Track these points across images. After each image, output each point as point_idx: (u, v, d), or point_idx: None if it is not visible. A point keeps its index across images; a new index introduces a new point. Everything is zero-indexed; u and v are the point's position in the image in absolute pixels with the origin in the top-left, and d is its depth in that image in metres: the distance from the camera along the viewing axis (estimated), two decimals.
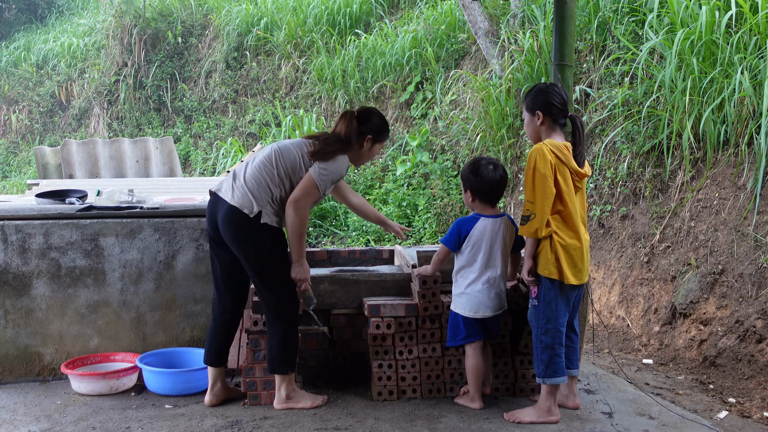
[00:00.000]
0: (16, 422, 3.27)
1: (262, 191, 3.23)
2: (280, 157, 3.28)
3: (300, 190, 3.22)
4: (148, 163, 7.59)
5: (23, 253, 3.81)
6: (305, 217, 3.23)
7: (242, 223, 3.22)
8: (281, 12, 11.96)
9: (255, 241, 3.24)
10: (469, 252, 3.37)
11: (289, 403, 3.37)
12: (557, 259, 3.13)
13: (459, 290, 3.41)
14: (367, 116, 3.43)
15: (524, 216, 3.15)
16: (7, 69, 14.88)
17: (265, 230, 3.24)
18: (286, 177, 3.26)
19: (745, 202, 4.61)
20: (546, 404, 3.19)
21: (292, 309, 3.35)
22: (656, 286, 5.03)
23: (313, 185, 3.22)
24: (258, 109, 11.56)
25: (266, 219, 3.23)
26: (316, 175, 3.22)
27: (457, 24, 9.14)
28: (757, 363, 3.99)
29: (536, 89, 3.30)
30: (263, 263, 3.28)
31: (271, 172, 3.26)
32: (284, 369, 3.33)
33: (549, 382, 3.17)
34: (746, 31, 5.02)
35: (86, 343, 3.90)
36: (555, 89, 3.27)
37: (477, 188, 3.38)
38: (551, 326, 3.17)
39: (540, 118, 3.22)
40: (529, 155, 3.14)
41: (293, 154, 3.29)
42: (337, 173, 3.27)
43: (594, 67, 6.53)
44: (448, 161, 7.95)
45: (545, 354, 3.17)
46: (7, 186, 12.38)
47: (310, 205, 3.25)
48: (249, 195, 3.23)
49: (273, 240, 3.27)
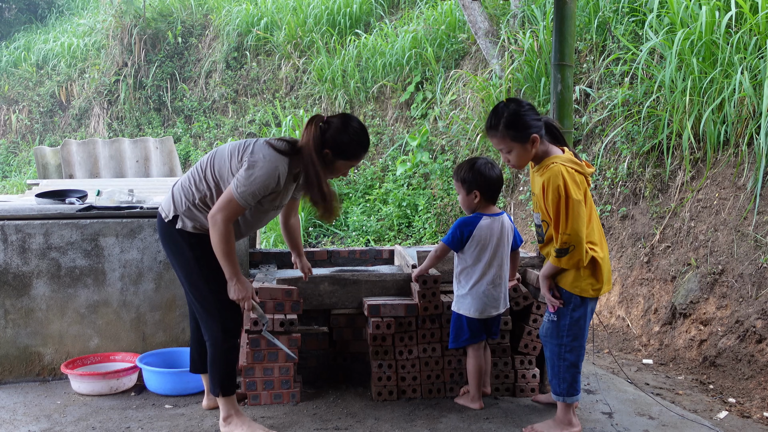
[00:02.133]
0: (16, 422, 3.27)
1: (184, 194, 2.96)
2: (213, 159, 2.95)
3: (217, 204, 2.83)
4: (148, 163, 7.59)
5: (23, 253, 3.81)
6: (225, 232, 2.81)
7: (160, 227, 3.04)
8: (281, 12, 11.97)
9: (172, 246, 3.00)
10: (472, 251, 3.35)
11: (225, 429, 3.08)
12: (596, 274, 2.94)
13: (462, 291, 3.39)
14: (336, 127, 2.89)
15: (562, 249, 2.86)
16: (7, 69, 14.88)
17: (182, 236, 2.96)
18: (212, 180, 2.92)
19: (745, 202, 4.61)
20: (566, 417, 3.07)
21: (222, 325, 2.99)
22: (656, 286, 5.03)
23: (230, 197, 2.80)
24: (258, 109, 11.56)
25: (181, 224, 2.94)
26: (233, 185, 2.80)
27: (457, 24, 9.14)
28: (757, 363, 3.99)
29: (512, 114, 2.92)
30: (184, 271, 3.00)
31: (199, 174, 2.96)
32: (215, 390, 3.05)
33: (569, 401, 3.05)
34: (746, 31, 5.02)
35: (86, 343, 3.90)
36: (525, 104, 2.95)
37: (484, 186, 3.33)
38: (577, 344, 3.01)
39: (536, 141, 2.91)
40: (550, 180, 2.84)
41: (224, 156, 2.92)
42: (259, 184, 2.79)
43: (594, 67, 6.53)
44: (448, 161, 7.95)
45: (569, 373, 3.02)
46: (7, 186, 12.38)
47: (230, 219, 2.82)
48: (170, 198, 3.01)
49: (194, 248, 2.95)
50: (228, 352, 3.05)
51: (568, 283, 2.96)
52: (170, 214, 2.98)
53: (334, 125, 2.89)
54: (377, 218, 8.02)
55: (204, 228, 2.94)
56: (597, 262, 2.94)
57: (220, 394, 3.04)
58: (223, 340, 3.01)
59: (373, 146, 9.58)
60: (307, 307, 3.60)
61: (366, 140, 2.96)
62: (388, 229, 7.85)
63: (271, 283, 3.64)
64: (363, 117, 9.91)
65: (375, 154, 9.53)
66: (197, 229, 2.96)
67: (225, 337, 3.01)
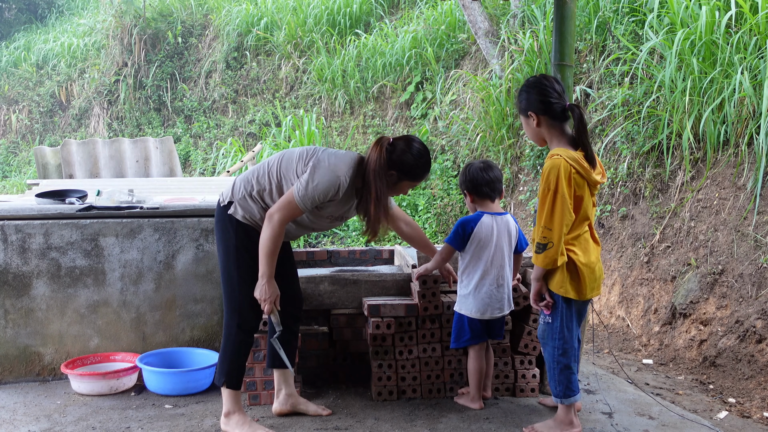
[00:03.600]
0: (16, 422, 3.27)
1: (244, 185, 3.04)
2: (282, 158, 3.06)
3: (278, 203, 2.93)
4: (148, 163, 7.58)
5: (23, 253, 3.81)
6: (278, 233, 2.91)
7: (216, 211, 3.12)
8: (281, 12, 11.97)
9: (221, 229, 3.07)
10: (474, 250, 3.34)
11: (225, 426, 3.09)
12: (577, 278, 2.94)
13: (465, 291, 3.39)
14: (401, 149, 2.99)
15: (540, 244, 2.87)
16: (7, 69, 14.88)
17: (230, 222, 3.03)
18: (276, 177, 3.01)
19: (745, 202, 4.61)
20: (567, 417, 3.08)
21: (240, 317, 3.04)
22: (656, 286, 5.03)
23: (290, 199, 2.90)
24: (258, 109, 11.56)
25: (233, 210, 3.02)
26: (295, 188, 2.91)
27: (457, 24, 9.15)
28: (757, 363, 3.99)
29: (522, 88, 3.00)
30: (223, 256, 3.07)
31: (264, 168, 3.05)
32: (219, 379, 3.07)
33: (567, 402, 3.06)
34: (746, 31, 5.02)
35: (86, 343, 3.90)
36: (545, 82, 2.95)
37: (472, 185, 3.38)
38: (568, 346, 3.03)
39: (535, 119, 2.93)
40: (545, 172, 2.84)
41: (293, 157, 3.02)
42: (321, 190, 2.89)
43: (594, 67, 6.53)
44: (448, 161, 7.95)
45: (563, 375, 3.03)
46: (7, 186, 12.38)
47: (286, 220, 2.92)
48: (231, 186, 3.09)
49: (239, 236, 3.02)
50: (240, 346, 3.07)
51: (554, 284, 2.98)
52: (226, 200, 3.06)
53: (400, 147, 2.99)
54: None
55: (253, 220, 3.03)
56: (578, 267, 2.93)
57: (225, 384, 3.05)
58: (237, 332, 3.05)
59: None
60: (307, 307, 3.60)
61: (428, 161, 3.07)
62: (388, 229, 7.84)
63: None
64: (363, 117, 9.92)
65: None
66: (247, 219, 3.03)
67: (239, 331, 3.05)
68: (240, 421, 3.06)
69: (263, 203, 3.02)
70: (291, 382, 3.33)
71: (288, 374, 3.31)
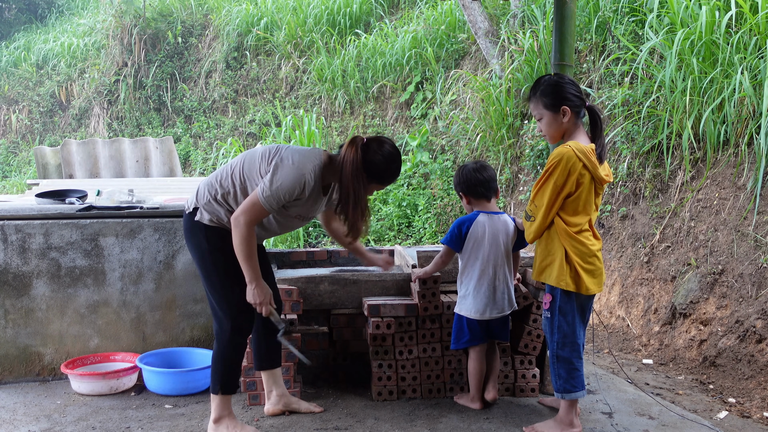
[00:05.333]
0: (16, 422, 3.27)
1: (208, 189, 2.98)
2: (244, 159, 2.98)
3: (242, 205, 2.86)
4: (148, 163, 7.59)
5: (23, 253, 3.81)
6: (247, 235, 2.84)
7: (184, 219, 3.06)
8: (281, 12, 11.97)
9: (190, 238, 3.02)
10: (471, 249, 3.34)
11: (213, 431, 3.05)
12: (575, 270, 2.95)
13: (464, 291, 3.39)
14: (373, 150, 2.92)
15: (528, 214, 3.02)
16: (7, 69, 14.88)
17: (199, 228, 2.97)
18: (240, 179, 2.94)
19: (745, 202, 4.61)
20: (567, 417, 3.08)
21: (233, 321, 2.98)
22: (656, 286, 5.03)
23: (255, 200, 2.83)
24: (258, 109, 11.56)
25: (199, 216, 2.96)
26: (259, 189, 2.83)
27: (457, 24, 9.14)
28: (757, 363, 3.99)
29: (550, 83, 3.00)
30: (199, 264, 3.02)
31: (227, 171, 2.99)
32: (214, 387, 3.02)
33: (568, 397, 3.04)
34: (746, 31, 5.02)
35: (86, 343, 3.90)
36: (569, 79, 3.03)
37: (467, 186, 3.38)
38: (569, 340, 3.02)
39: (567, 114, 2.94)
40: (552, 157, 2.89)
41: (256, 157, 2.95)
42: (285, 189, 2.83)
43: (594, 67, 6.53)
44: (448, 161, 7.95)
45: (563, 369, 3.03)
46: (7, 186, 12.38)
47: (253, 222, 2.85)
48: (195, 191, 3.04)
49: (210, 241, 2.96)
50: (234, 350, 3.03)
51: (554, 277, 2.98)
52: (191, 206, 3.01)
53: (372, 149, 2.92)
54: (377, 218, 8.02)
55: (221, 222, 2.96)
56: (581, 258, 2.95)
57: (220, 391, 3.01)
58: (231, 337, 2.99)
59: None
60: (307, 307, 3.60)
61: (398, 166, 3.01)
62: (388, 229, 7.86)
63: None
64: (363, 117, 9.92)
65: None
66: (214, 222, 2.96)
67: (233, 335, 2.99)
68: (230, 427, 3.02)
69: (228, 206, 2.96)
70: (281, 382, 3.32)
71: (277, 374, 3.30)
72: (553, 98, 2.96)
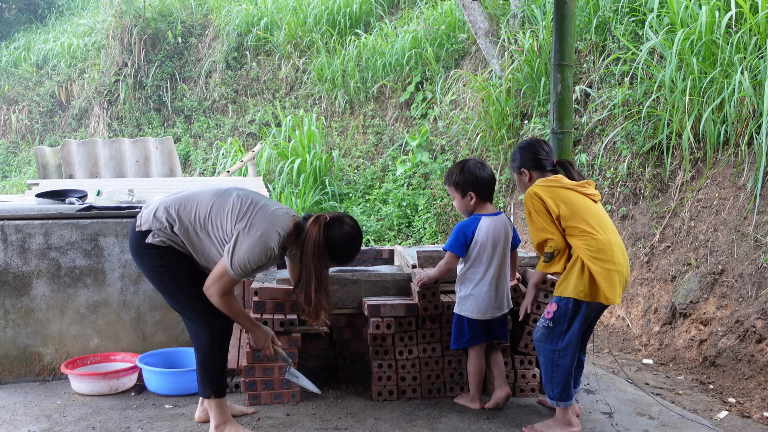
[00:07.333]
0: (16, 422, 3.27)
1: (166, 216, 2.91)
2: (213, 203, 2.91)
3: (212, 276, 2.85)
4: (148, 163, 7.59)
5: (23, 253, 3.81)
6: (224, 301, 2.86)
7: (132, 235, 2.99)
8: (281, 12, 11.97)
9: (140, 256, 2.97)
10: (474, 253, 3.34)
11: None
12: (593, 280, 2.96)
13: (465, 292, 3.39)
14: (335, 233, 2.86)
15: (548, 253, 3.04)
16: (7, 69, 14.88)
17: (151, 248, 2.92)
18: (201, 221, 2.90)
19: (745, 202, 4.61)
20: (565, 418, 3.09)
21: (209, 326, 2.97)
22: (656, 286, 5.03)
23: (223, 271, 2.82)
24: (258, 109, 11.56)
25: (151, 239, 2.90)
26: (227, 259, 2.81)
27: (457, 24, 9.15)
28: (757, 363, 3.99)
29: (518, 148, 3.27)
30: (156, 280, 3.00)
31: (191, 206, 2.92)
32: (205, 392, 3.02)
33: (563, 405, 3.06)
34: (746, 31, 5.02)
35: (86, 343, 3.90)
36: (537, 144, 3.24)
37: (478, 186, 3.34)
38: (571, 349, 3.03)
39: (527, 174, 3.20)
40: (525, 203, 3.15)
41: (226, 210, 2.88)
42: (253, 261, 2.80)
43: (594, 67, 6.53)
44: (448, 161, 7.95)
45: (561, 377, 3.03)
46: (7, 186, 12.38)
47: (224, 292, 2.85)
48: (152, 213, 2.94)
49: (163, 257, 2.92)
50: (217, 354, 3.03)
51: (569, 288, 2.99)
52: (144, 226, 2.93)
53: (334, 229, 2.87)
54: (377, 218, 8.02)
55: (174, 242, 2.92)
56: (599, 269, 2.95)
57: (212, 395, 3.01)
58: (210, 342, 2.99)
59: (373, 146, 9.59)
60: None
61: (357, 249, 2.96)
62: (388, 229, 7.86)
63: (271, 283, 3.64)
64: (363, 117, 9.92)
65: (375, 154, 9.54)
66: (165, 243, 2.92)
67: (212, 339, 2.99)
68: (232, 431, 3.03)
69: (186, 238, 2.91)
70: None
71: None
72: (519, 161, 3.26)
